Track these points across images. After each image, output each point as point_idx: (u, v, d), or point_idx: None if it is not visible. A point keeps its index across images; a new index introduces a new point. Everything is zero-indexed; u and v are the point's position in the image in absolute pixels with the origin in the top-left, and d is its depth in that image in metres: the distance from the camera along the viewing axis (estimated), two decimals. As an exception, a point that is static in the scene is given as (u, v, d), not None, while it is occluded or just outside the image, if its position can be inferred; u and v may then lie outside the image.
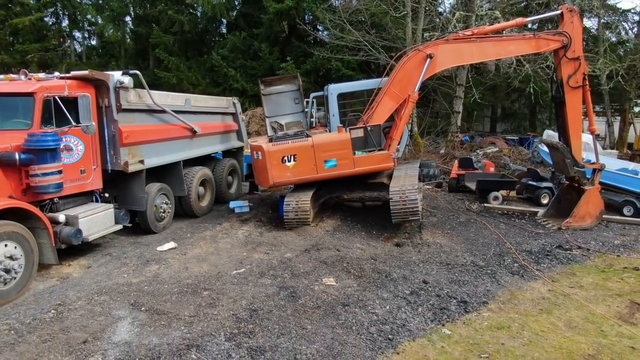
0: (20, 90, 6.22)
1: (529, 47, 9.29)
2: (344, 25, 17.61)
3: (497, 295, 6.33)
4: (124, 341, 4.73)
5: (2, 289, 5.44)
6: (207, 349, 4.60)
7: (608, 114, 22.43)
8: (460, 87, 16.86)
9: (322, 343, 4.84)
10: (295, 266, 6.82)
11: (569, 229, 9.31)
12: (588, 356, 4.91)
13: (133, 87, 7.40)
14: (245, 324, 5.13)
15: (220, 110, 10.86)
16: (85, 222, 6.55)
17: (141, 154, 7.65)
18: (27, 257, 5.70)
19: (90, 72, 6.90)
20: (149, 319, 5.20)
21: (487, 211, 10.62)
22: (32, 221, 5.88)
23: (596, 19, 21.68)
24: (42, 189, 5.98)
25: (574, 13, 9.13)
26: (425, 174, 13.18)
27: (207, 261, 7.07)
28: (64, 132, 6.31)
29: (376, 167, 8.68)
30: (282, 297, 5.81)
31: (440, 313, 5.71)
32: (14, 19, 29.49)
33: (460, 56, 9.17)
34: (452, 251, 7.89)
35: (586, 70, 9.33)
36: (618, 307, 6.17)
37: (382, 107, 8.90)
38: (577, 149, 9.55)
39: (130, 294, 5.78)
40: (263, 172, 8.61)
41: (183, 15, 26.85)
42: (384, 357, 4.73)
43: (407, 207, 8.00)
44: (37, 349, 4.54)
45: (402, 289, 6.27)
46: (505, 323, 5.56)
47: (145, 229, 8.18)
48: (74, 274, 6.54)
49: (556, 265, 7.59)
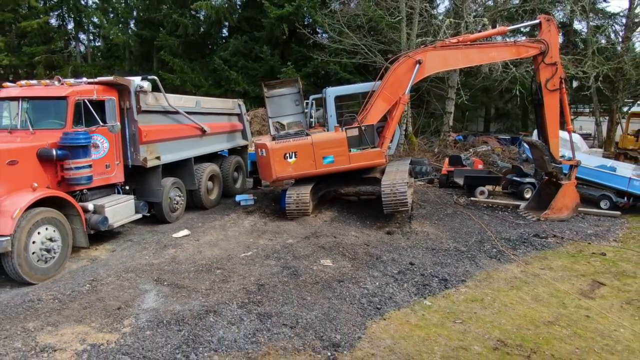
0: (55, 94, 7.06)
1: (510, 53, 10.15)
2: (342, 29, 18.45)
3: (474, 275, 7.19)
4: (152, 308, 5.58)
5: (44, 267, 6.29)
6: (222, 314, 5.45)
7: (596, 114, 23.30)
8: (452, 89, 17.73)
9: (320, 310, 5.68)
10: (296, 250, 7.68)
11: (547, 220, 10.17)
12: (548, 322, 5.76)
13: (151, 91, 8.24)
14: (254, 295, 5.98)
15: (226, 111, 11.73)
16: (110, 211, 7.40)
17: (158, 151, 8.50)
18: (64, 240, 6.55)
19: (114, 78, 7.75)
20: (171, 292, 6.06)
21: (473, 204, 11.48)
22: (66, 209, 6.72)
23: (586, 22, 22.59)
24: (75, 181, 6.83)
25: (551, 22, 9.99)
26: (417, 171, 14.04)
27: (218, 246, 7.93)
28: (92, 131, 7.16)
29: (370, 163, 9.53)
30: (285, 275, 6.66)
31: (423, 288, 6.56)
32: (21, 22, 30.31)
33: (446, 62, 10.02)
34: (437, 238, 8.75)
35: (563, 75, 10.18)
36: (581, 285, 7.02)
37: (376, 108, 9.75)
38: (555, 147, 10.39)
39: (152, 272, 6.64)
40: (267, 168, 9.47)
41: (187, 18, 27.69)
42: (373, 322, 5.57)
43: (397, 198, 8.85)
44: (80, 313, 5.39)
45: (390, 269, 7.13)
46: (479, 297, 6.41)
47: (161, 219, 9.03)
48: (101, 257, 7.40)
49: (531, 251, 8.45)
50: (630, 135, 18.51)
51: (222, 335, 5.03)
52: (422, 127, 20.32)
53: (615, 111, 22.35)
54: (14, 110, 7.15)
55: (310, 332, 5.20)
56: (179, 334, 5.02)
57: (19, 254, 5.88)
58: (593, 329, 5.63)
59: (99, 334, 4.97)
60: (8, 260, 5.85)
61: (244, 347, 4.84)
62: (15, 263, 5.86)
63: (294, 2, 22.07)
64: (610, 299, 6.56)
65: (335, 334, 5.17)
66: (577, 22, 24.50)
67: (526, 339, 5.30)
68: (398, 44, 17.84)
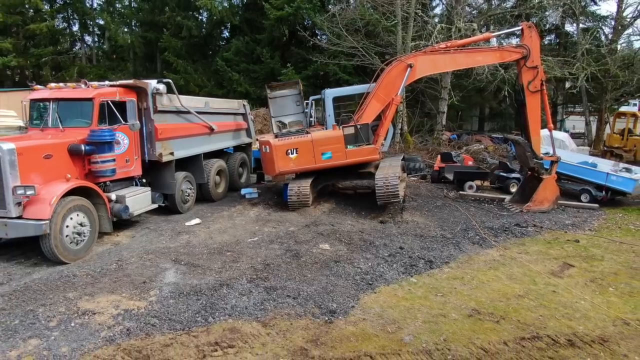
0: (82, 96, 7.89)
1: (494, 57, 10.99)
2: (340, 32, 19.28)
3: (457, 258, 8.02)
4: (173, 282, 6.43)
5: (75, 248, 7.13)
6: (234, 287, 6.30)
7: (586, 113, 24.16)
8: (445, 90, 18.58)
9: (318, 285, 6.52)
10: (297, 236, 8.52)
11: (529, 212, 11.00)
12: (518, 296, 6.60)
13: (166, 93, 9.07)
14: (261, 272, 6.83)
15: (232, 111, 12.58)
16: (130, 201, 8.23)
17: (171, 148, 9.33)
18: (92, 225, 7.39)
19: (134, 81, 8.58)
20: (188, 270, 6.90)
21: (462, 198, 12.32)
22: (93, 198, 7.55)
23: (576, 25, 23.45)
24: (101, 173, 7.67)
25: (532, 29, 10.82)
26: (411, 168, 14.88)
27: (227, 232, 8.78)
28: (115, 128, 7.99)
29: (364, 158, 10.38)
30: (288, 256, 7.51)
31: (410, 268, 7.40)
32: (29, 25, 31.09)
33: (436, 66, 10.86)
34: (426, 227, 9.59)
35: (543, 77, 11.01)
36: (552, 267, 7.86)
37: (370, 108, 10.58)
38: (536, 144, 11.22)
39: (170, 254, 7.48)
40: (270, 163, 10.31)
41: (190, 20, 28.52)
42: (365, 294, 6.41)
43: (389, 191, 9.68)
44: (111, 286, 6.23)
45: (382, 252, 7.97)
46: (460, 275, 7.25)
47: (173, 210, 9.87)
48: (123, 241, 8.24)
49: (511, 238, 9.28)
50: (616, 134, 19.35)
51: (234, 303, 5.87)
52: (417, 126, 21.18)
53: (603, 111, 23.19)
54: (45, 110, 7.98)
55: (310, 302, 6.03)
56: (197, 302, 5.86)
57: (55, 236, 6.72)
58: (557, 301, 6.46)
59: (130, 302, 5.81)
60: (46, 241, 6.69)
61: (253, 313, 5.68)
62: (52, 244, 6.69)
63: (293, 4, 22.86)
64: (577, 278, 7.39)
65: (332, 303, 6.01)
66: (569, 24, 25.39)
67: (497, 308, 6.14)
68: (394, 46, 18.69)
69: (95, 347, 4.85)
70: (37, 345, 4.85)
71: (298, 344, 5.04)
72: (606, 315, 6.07)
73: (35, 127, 8.03)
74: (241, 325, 5.38)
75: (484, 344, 5.22)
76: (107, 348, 4.85)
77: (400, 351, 5.01)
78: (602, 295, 6.72)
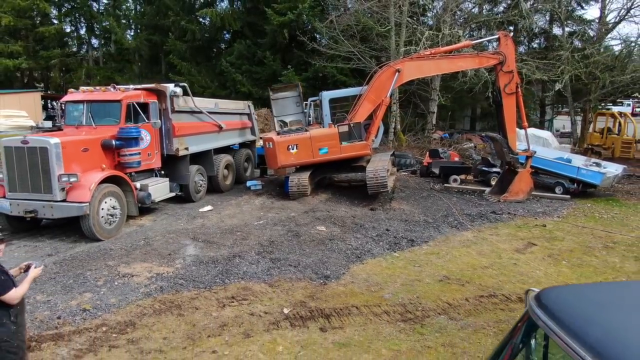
0: (112, 98, 9.15)
1: (474, 63, 12.25)
2: (338, 37, 20.53)
3: (436, 238, 9.28)
4: (193, 254, 7.68)
5: (109, 228, 8.38)
6: (245, 257, 7.55)
7: (571, 113, 25.41)
8: (435, 91, 19.85)
9: (315, 257, 7.77)
10: (297, 220, 9.78)
11: (506, 202, 12.25)
12: (484, 267, 7.84)
13: (182, 95, 10.32)
14: (267, 247, 8.08)
15: (238, 111, 13.84)
16: (152, 189, 9.48)
17: (186, 143, 10.57)
18: (122, 208, 8.64)
19: (155, 85, 9.83)
20: (205, 245, 8.15)
21: (446, 190, 13.57)
22: (122, 186, 8.80)
23: (562, 29, 24.69)
24: (128, 165, 8.93)
25: (507, 37, 12.07)
26: (402, 164, 16.13)
27: (236, 217, 10.04)
28: (139, 126, 9.23)
29: (357, 153, 11.63)
30: (289, 235, 8.76)
31: (394, 246, 8.65)
32: (38, 28, 32.31)
33: (421, 70, 12.11)
34: (411, 213, 10.85)
35: (518, 81, 12.25)
36: (517, 245, 9.10)
37: (363, 108, 11.82)
38: (512, 141, 12.46)
39: (189, 233, 8.74)
40: (273, 157, 11.55)
41: (194, 25, 29.76)
42: (354, 265, 7.65)
43: (378, 182, 10.94)
44: (143, 257, 7.48)
45: (370, 233, 9.22)
46: (436, 251, 8.50)
47: (187, 198, 11.11)
48: (146, 224, 9.49)
49: (486, 223, 10.53)
50: (597, 133, 20.61)
51: (245, 270, 7.13)
52: (409, 125, 22.45)
53: (588, 111, 24.45)
54: (79, 110, 9.23)
55: (308, 269, 7.28)
56: (215, 268, 7.12)
57: (94, 217, 7.97)
58: (516, 271, 7.71)
59: (160, 268, 7.07)
60: (85, 221, 7.93)
61: (262, 277, 6.93)
62: (91, 223, 7.94)
63: (296, 10, 24.07)
64: (537, 254, 8.63)
65: (326, 270, 7.26)
66: (557, 27, 26.63)
67: (464, 275, 7.38)
68: (388, 50, 19.95)
69: (137, 299, 6.10)
70: (91, 297, 6.10)
71: (298, 299, 6.29)
72: (555, 281, 7.33)
73: (70, 125, 9.27)
74: (252, 285, 6.63)
75: (449, 299, 6.47)
76: (146, 300, 6.10)
77: (380, 304, 6.26)
78: (556, 267, 7.97)
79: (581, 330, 1.81)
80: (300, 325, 5.60)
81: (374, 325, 5.66)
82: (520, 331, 2.25)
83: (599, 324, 1.82)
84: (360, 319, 5.80)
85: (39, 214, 7.90)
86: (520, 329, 2.27)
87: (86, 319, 5.58)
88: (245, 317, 5.73)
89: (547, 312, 2.02)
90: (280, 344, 5.17)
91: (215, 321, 5.60)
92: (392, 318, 5.87)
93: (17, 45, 31.97)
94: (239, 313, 5.83)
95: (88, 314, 5.69)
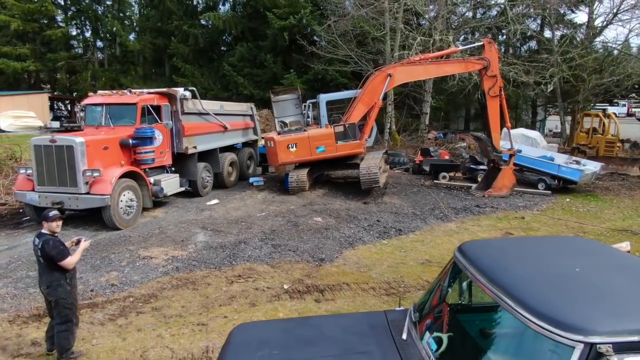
0: (128, 101, 10.09)
1: (460, 68, 13.20)
2: (335, 41, 21.48)
3: (422, 228, 10.22)
4: (204, 241, 8.64)
5: (127, 218, 9.33)
6: (249, 243, 8.50)
7: (561, 114, 26.35)
8: (428, 93, 20.80)
9: (312, 244, 8.72)
10: (296, 212, 10.73)
11: (490, 197, 13.19)
12: (463, 252, 8.78)
13: (191, 98, 11.27)
14: (269, 235, 9.03)
15: (242, 112, 14.80)
16: (165, 184, 10.42)
17: (195, 142, 11.52)
18: (138, 201, 9.59)
19: (167, 90, 10.77)
20: (213, 233, 9.11)
21: (435, 186, 14.53)
22: (138, 180, 9.75)
23: (551, 32, 25.63)
24: (144, 162, 9.87)
25: (492, 44, 13.00)
26: (396, 162, 17.08)
27: (240, 210, 10.99)
28: (153, 127, 10.18)
29: (351, 152, 12.58)
30: (289, 225, 9.71)
31: (383, 234, 9.59)
32: (46, 31, 33.28)
33: (411, 75, 13.06)
34: (401, 207, 11.80)
35: (501, 85, 13.18)
36: (496, 234, 10.03)
37: (357, 110, 12.77)
38: (496, 140, 13.39)
39: (198, 223, 9.69)
40: (274, 155, 12.50)
41: (197, 29, 30.71)
42: (347, 250, 8.59)
43: (371, 178, 11.89)
44: (159, 242, 8.43)
45: (362, 224, 10.16)
46: (421, 239, 9.44)
47: (195, 193, 12.05)
48: (159, 215, 10.45)
49: (469, 216, 11.47)
50: (583, 133, 21.52)
51: (250, 253, 8.08)
52: (404, 126, 23.41)
53: (576, 112, 25.36)
54: (98, 112, 10.19)
55: (306, 254, 8.23)
56: (223, 252, 8.07)
57: (114, 208, 8.92)
58: (491, 256, 8.65)
59: (175, 251, 8.02)
60: (107, 211, 8.88)
61: (264, 259, 7.88)
62: (112, 214, 8.89)
63: (297, 15, 24.99)
64: (512, 242, 9.56)
65: (321, 254, 8.21)
66: (549, 30, 27.56)
67: (445, 259, 8.29)
68: (384, 54, 20.90)
69: (156, 277, 7.05)
70: (117, 275, 7.06)
71: (296, 277, 7.24)
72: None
73: (90, 126, 10.22)
74: (256, 266, 7.59)
75: (428, 278, 7.40)
76: (165, 277, 7.05)
77: (368, 282, 7.20)
78: (527, 252, 8.91)
79: (479, 261, 2.76)
80: (298, 297, 6.55)
81: (361, 298, 6.62)
82: (448, 273, 3.21)
83: (491, 257, 2.77)
84: (349, 293, 6.75)
85: (65, 205, 8.83)
86: (447, 271, 3.22)
87: (115, 292, 6.54)
88: (250, 291, 6.68)
89: (463, 255, 2.98)
90: (281, 311, 6.12)
91: (225, 294, 6.56)
92: (378, 292, 6.82)
93: (25, 48, 32.98)
94: (245, 288, 6.78)
95: (116, 288, 6.64)
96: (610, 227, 10.72)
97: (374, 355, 2.61)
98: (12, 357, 4.92)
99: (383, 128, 20.98)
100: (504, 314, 2.31)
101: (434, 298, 3.19)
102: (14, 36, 32.88)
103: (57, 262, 4.54)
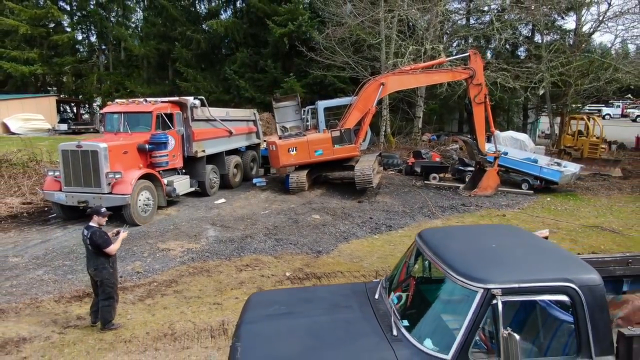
0: (144, 109, 11.15)
1: (448, 77, 14.26)
2: (333, 47, 22.52)
3: (410, 225, 11.26)
4: (214, 235, 9.70)
5: (144, 215, 10.38)
6: (255, 238, 9.56)
7: (550, 116, 27.39)
8: (421, 98, 21.88)
9: (310, 238, 9.78)
10: (297, 210, 11.79)
11: (475, 196, 14.23)
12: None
13: (200, 106, 12.33)
14: (272, 230, 10.09)
15: (245, 118, 15.88)
16: (177, 185, 11.48)
17: (203, 147, 12.58)
18: (154, 200, 10.65)
19: (179, 99, 11.82)
20: (222, 229, 10.17)
21: (426, 186, 15.58)
22: (154, 181, 10.80)
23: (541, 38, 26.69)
24: (158, 164, 10.93)
25: (477, 55, 14.05)
26: (390, 163, 18.13)
27: (245, 208, 12.06)
28: (167, 133, 11.23)
29: (347, 154, 13.65)
30: (290, 222, 10.77)
31: (375, 230, 10.65)
32: (52, 36, 34.31)
33: (402, 84, 14.12)
34: (392, 205, 12.86)
35: (486, 92, 14.23)
36: (477, 230, 11.09)
37: (352, 116, 13.82)
38: (481, 143, 14.43)
39: (208, 220, 10.76)
40: (276, 158, 13.56)
41: (199, 34, 31.73)
42: (341, 244, 9.64)
43: (365, 179, 12.96)
44: (174, 237, 9.49)
45: (356, 220, 11.22)
46: (409, 234, 10.47)
47: (204, 193, 13.11)
48: (173, 213, 11.50)
49: (455, 213, 12.52)
50: (569, 135, 22.58)
51: (256, 246, 9.14)
52: (398, 129, 24.48)
53: (565, 115, 26.41)
54: (116, 120, 11.24)
55: (305, 247, 9.29)
56: (232, 245, 9.13)
57: (133, 206, 9.97)
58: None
59: (189, 244, 9.08)
60: (127, 209, 9.93)
61: (268, 252, 8.93)
62: (132, 211, 9.95)
63: (296, 22, 26.00)
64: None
65: (319, 247, 9.26)
66: (539, 34, 28.62)
67: (428, 251, 9.38)
68: (379, 61, 21.97)
69: (175, 266, 8.11)
70: (140, 264, 8.11)
71: (297, 266, 8.29)
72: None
73: (109, 132, 11.27)
74: (262, 257, 8.65)
75: (412, 267, 8.47)
76: (182, 266, 8.11)
77: (359, 270, 8.25)
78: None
79: (429, 242, 3.82)
80: (298, 283, 7.60)
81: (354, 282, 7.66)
82: (412, 252, 4.27)
83: (438, 239, 3.83)
84: (343, 279, 7.80)
85: (89, 204, 9.89)
86: (411, 251, 4.28)
87: (140, 278, 7.60)
88: (257, 277, 7.74)
89: (420, 238, 4.04)
90: (284, 293, 7.18)
91: (235, 280, 7.62)
92: (368, 279, 7.85)
93: (32, 53, 34.00)
94: (252, 275, 7.84)
95: (141, 275, 7.70)
96: (583, 224, 11.73)
97: (354, 307, 3.65)
98: (63, 328, 5.98)
99: (379, 131, 22.03)
100: (444, 279, 3.36)
101: (401, 272, 4.24)
102: (22, 40, 33.94)
103: (102, 249, 5.60)
